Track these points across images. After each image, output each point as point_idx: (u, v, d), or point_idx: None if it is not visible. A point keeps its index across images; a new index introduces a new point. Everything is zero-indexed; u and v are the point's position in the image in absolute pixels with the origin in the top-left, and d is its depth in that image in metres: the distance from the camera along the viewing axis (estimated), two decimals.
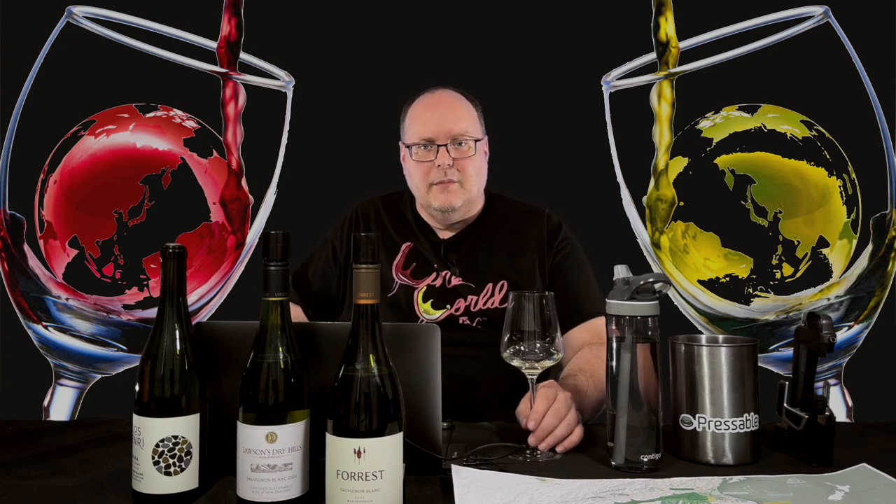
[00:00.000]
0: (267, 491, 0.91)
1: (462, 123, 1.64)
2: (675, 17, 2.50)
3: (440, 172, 1.62)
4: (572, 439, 1.19)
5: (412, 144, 1.65)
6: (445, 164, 1.61)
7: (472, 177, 1.65)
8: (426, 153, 1.64)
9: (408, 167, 1.70)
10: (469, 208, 1.68)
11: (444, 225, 1.71)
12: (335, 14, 2.52)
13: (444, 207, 1.63)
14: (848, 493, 0.98)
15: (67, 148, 2.46)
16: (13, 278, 2.43)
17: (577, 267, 1.70)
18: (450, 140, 1.62)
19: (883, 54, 2.46)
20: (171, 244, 1.01)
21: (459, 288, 1.65)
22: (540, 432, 1.18)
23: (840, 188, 2.45)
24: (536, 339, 1.18)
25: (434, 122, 1.64)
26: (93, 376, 2.45)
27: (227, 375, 1.04)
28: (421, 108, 1.69)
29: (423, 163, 1.64)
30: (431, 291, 1.65)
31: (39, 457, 1.18)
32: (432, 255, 1.68)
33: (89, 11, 2.47)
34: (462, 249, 1.69)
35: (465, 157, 1.64)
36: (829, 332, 1.16)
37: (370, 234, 0.94)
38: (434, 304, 1.64)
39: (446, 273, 1.66)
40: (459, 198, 1.63)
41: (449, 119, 1.64)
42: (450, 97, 1.70)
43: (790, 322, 2.41)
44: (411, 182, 1.70)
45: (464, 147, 1.64)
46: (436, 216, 1.69)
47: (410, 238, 1.71)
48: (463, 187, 1.64)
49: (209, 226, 2.47)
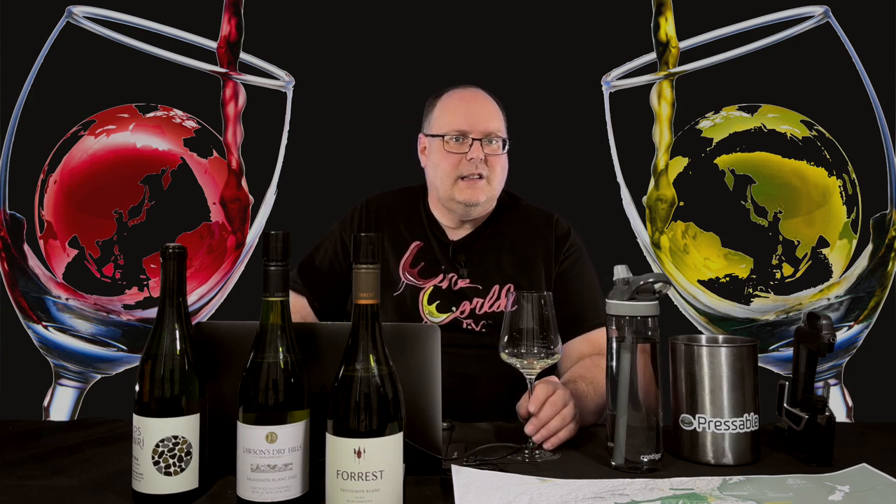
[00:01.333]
0: (267, 491, 0.91)
1: (495, 122, 1.65)
2: (675, 17, 2.50)
3: (471, 166, 1.61)
4: (560, 436, 1.20)
5: (444, 135, 1.64)
6: (478, 158, 1.61)
7: (498, 175, 1.65)
8: (458, 145, 1.63)
9: (434, 158, 1.67)
10: (488, 206, 1.68)
11: (458, 223, 1.70)
12: (335, 14, 2.52)
13: (468, 202, 1.62)
14: (848, 493, 0.98)
15: (67, 148, 2.46)
16: (13, 278, 2.43)
17: (583, 275, 1.69)
18: (483, 135, 1.62)
19: (883, 54, 2.46)
20: (171, 244, 1.01)
21: (466, 290, 1.64)
22: (537, 421, 1.19)
23: (840, 188, 2.45)
24: (535, 338, 1.18)
25: (470, 115, 1.64)
26: (93, 376, 2.45)
27: (227, 375, 1.04)
28: (455, 100, 1.69)
29: (454, 154, 1.63)
30: (437, 293, 1.64)
31: (39, 457, 1.18)
32: (441, 256, 1.67)
33: (89, 11, 2.47)
34: (471, 251, 1.68)
35: (495, 155, 1.64)
36: (829, 332, 1.16)
37: (370, 235, 0.94)
38: (439, 307, 1.63)
39: (453, 276, 1.65)
40: (484, 194, 1.63)
41: (483, 115, 1.64)
42: (482, 95, 1.70)
43: (790, 322, 2.41)
44: (436, 173, 1.67)
45: (494, 145, 1.64)
46: (455, 210, 1.66)
47: (420, 237, 1.70)
48: (490, 184, 1.63)
49: (209, 226, 2.47)
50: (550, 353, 1.19)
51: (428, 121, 1.73)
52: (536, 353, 1.18)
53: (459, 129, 1.63)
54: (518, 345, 1.19)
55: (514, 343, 1.19)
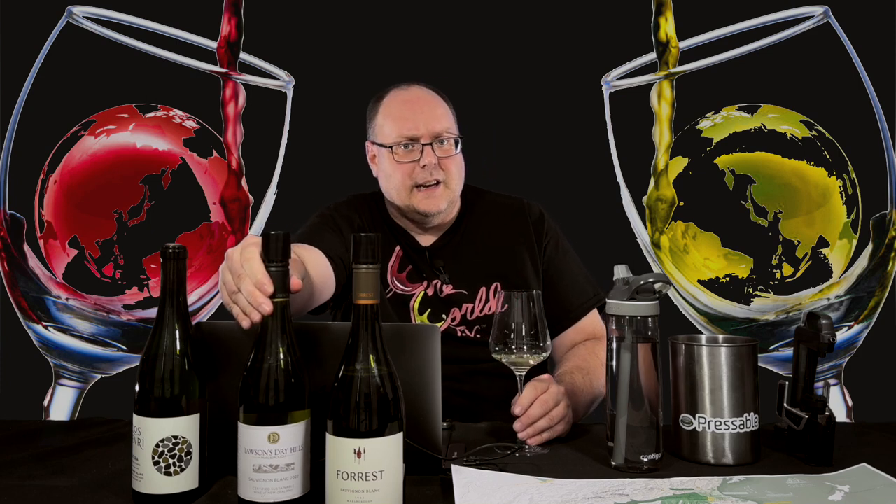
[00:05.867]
0: (269, 491, 0.91)
1: (443, 121, 1.56)
2: (675, 17, 2.50)
3: (426, 173, 1.53)
4: (543, 437, 1.20)
5: (392, 144, 1.55)
6: (431, 164, 1.52)
7: (455, 176, 1.57)
8: (408, 153, 1.54)
9: (385, 168, 1.58)
10: (451, 210, 1.62)
11: (423, 229, 1.62)
12: (335, 14, 2.52)
13: (429, 212, 1.55)
14: (848, 493, 0.98)
15: (67, 148, 2.46)
16: (13, 278, 2.43)
17: (567, 256, 1.66)
18: (433, 138, 1.54)
19: (883, 54, 2.46)
20: (171, 244, 1.01)
21: (453, 296, 1.58)
22: (525, 419, 1.19)
23: (840, 188, 2.45)
24: (524, 336, 1.19)
25: (416, 120, 1.54)
26: (93, 376, 2.45)
27: (227, 375, 1.04)
28: (397, 104, 1.59)
29: (406, 163, 1.54)
30: (426, 302, 1.58)
31: (39, 457, 1.17)
32: (418, 263, 1.60)
33: (89, 11, 2.47)
34: (448, 255, 1.61)
35: (449, 156, 1.55)
36: (829, 332, 1.16)
37: (370, 235, 0.93)
38: (430, 317, 1.58)
39: (437, 282, 1.59)
40: (444, 200, 1.55)
41: (430, 116, 1.55)
42: (426, 93, 1.61)
43: (790, 322, 2.41)
44: (389, 184, 1.58)
45: (446, 145, 1.55)
46: (416, 219, 1.60)
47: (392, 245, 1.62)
48: (447, 188, 1.56)
49: (209, 226, 2.47)
50: (539, 350, 1.19)
51: (372, 127, 1.64)
52: (526, 351, 1.19)
53: (407, 136, 1.54)
54: (507, 342, 1.19)
55: (502, 340, 1.20)
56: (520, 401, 1.20)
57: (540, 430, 1.20)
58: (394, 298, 1.59)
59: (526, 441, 1.19)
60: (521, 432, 1.19)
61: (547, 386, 1.24)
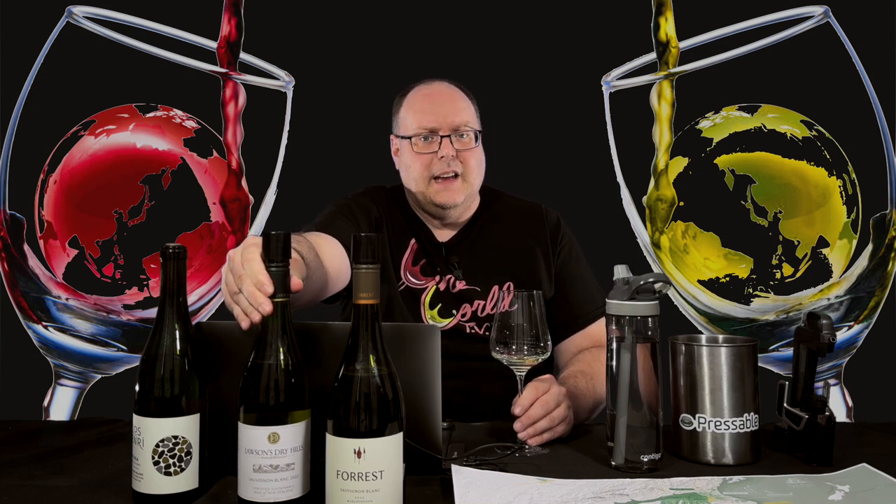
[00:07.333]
0: (269, 491, 0.91)
1: (463, 114, 1.60)
2: (675, 17, 2.50)
3: (443, 164, 1.56)
4: (544, 437, 1.20)
5: (412, 135, 1.59)
6: (449, 155, 1.56)
7: (473, 169, 1.60)
8: (427, 144, 1.58)
9: (405, 160, 1.63)
10: (469, 204, 1.65)
11: (441, 224, 1.66)
12: (335, 14, 2.52)
13: (445, 204, 1.58)
14: (848, 493, 0.98)
15: (67, 148, 2.46)
16: (13, 278, 2.43)
17: (580, 263, 1.68)
18: (452, 131, 1.57)
19: (883, 54, 2.46)
20: (171, 244, 1.01)
21: (465, 292, 1.60)
22: (525, 419, 1.19)
23: (840, 188, 2.45)
24: (525, 336, 1.19)
25: (435, 112, 1.58)
26: (93, 376, 2.45)
27: (227, 375, 1.04)
28: (419, 97, 1.63)
29: (425, 154, 1.58)
30: (437, 297, 1.60)
31: (39, 457, 1.18)
32: (434, 257, 1.63)
33: (89, 11, 2.47)
34: (464, 252, 1.64)
35: (468, 149, 1.58)
36: (829, 332, 1.16)
37: (370, 235, 0.94)
38: (441, 312, 1.59)
39: (450, 277, 1.61)
40: (462, 193, 1.58)
41: (450, 109, 1.59)
42: (448, 88, 1.65)
43: (790, 322, 2.41)
44: (409, 175, 1.62)
45: (465, 139, 1.58)
46: (434, 212, 1.63)
47: (409, 238, 1.65)
48: (465, 181, 1.58)
49: (209, 226, 2.47)
50: (540, 350, 1.19)
51: (395, 121, 1.68)
52: (526, 351, 1.19)
53: (426, 128, 1.57)
54: (508, 342, 1.20)
55: (503, 340, 1.20)
56: (520, 401, 1.20)
57: (540, 431, 1.20)
58: (406, 292, 1.60)
59: (526, 441, 1.19)
60: (522, 432, 1.19)
61: (548, 386, 1.24)
